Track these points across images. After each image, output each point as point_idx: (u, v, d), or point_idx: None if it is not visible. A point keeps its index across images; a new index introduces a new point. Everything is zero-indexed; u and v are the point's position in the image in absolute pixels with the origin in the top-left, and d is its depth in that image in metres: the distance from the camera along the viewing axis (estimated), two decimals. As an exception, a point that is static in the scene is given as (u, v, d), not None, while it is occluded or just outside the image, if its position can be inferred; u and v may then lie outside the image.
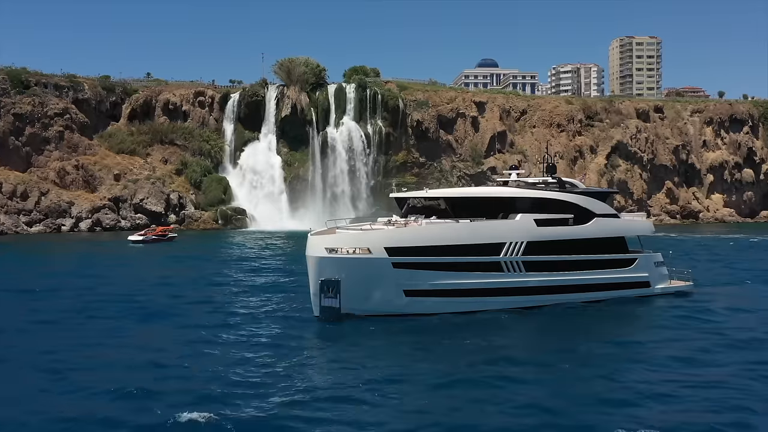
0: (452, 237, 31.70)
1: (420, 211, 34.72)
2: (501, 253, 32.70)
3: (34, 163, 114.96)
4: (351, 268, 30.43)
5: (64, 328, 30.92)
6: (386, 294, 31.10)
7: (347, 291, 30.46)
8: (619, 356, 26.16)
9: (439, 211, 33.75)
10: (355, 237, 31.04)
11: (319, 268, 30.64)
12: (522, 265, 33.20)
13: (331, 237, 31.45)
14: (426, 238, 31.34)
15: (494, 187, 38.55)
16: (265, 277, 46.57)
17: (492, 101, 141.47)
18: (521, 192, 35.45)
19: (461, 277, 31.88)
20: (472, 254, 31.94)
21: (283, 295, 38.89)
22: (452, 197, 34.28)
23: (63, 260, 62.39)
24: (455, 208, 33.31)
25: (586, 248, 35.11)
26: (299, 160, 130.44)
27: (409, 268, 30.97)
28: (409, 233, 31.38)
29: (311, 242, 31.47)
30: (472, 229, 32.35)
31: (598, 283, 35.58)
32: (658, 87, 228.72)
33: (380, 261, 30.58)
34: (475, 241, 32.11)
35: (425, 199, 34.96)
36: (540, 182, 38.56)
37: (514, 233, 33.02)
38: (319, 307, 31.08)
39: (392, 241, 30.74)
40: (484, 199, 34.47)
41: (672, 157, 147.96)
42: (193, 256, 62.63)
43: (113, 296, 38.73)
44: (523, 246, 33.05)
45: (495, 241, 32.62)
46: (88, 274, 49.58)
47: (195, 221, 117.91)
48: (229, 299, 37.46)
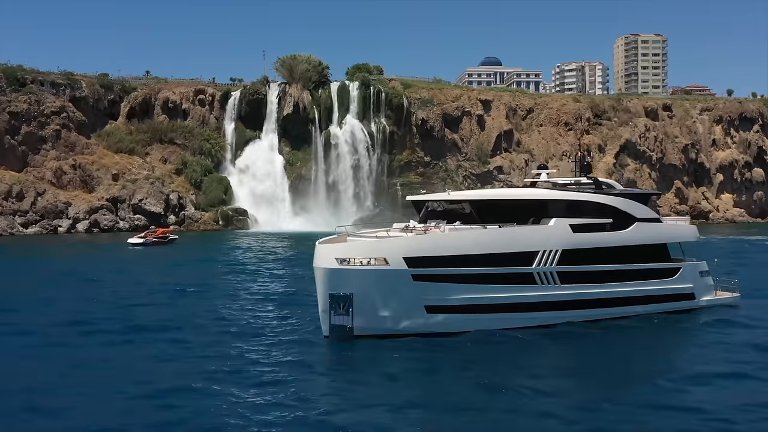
0: (480, 245, 28.31)
1: (440, 216, 31.29)
2: (534, 263, 29.33)
3: (30, 163, 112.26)
4: (365, 282, 27.08)
5: (47, 345, 28.00)
6: (405, 310, 27.74)
7: (361, 307, 27.17)
8: (669, 381, 23.23)
9: (462, 215, 30.33)
10: (370, 246, 27.64)
11: (329, 281, 27.18)
12: (557, 276, 29.79)
13: (342, 246, 28.06)
14: (450, 247, 27.95)
15: (524, 189, 34.46)
16: (268, 285, 43.35)
17: (498, 99, 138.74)
18: (555, 194, 31.87)
19: (490, 291, 28.48)
20: (502, 265, 28.60)
21: (288, 309, 35.19)
22: (479, 200, 30.80)
23: (58, 265, 59.58)
24: (482, 213, 29.79)
25: (626, 257, 31.86)
26: (301, 159, 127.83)
27: (432, 281, 27.60)
28: (431, 241, 28.05)
29: (319, 251, 27.82)
30: (502, 237, 28.96)
31: (640, 295, 32.27)
32: (663, 85, 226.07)
33: (399, 273, 27.17)
34: (506, 250, 28.70)
35: (447, 203, 31.45)
36: (572, 183, 35.01)
37: (548, 240, 29.65)
38: (328, 325, 27.66)
39: (412, 250, 27.40)
40: (515, 202, 30.99)
41: (681, 156, 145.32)
42: (194, 260, 59.87)
43: (107, 308, 35.82)
44: (558, 255, 29.69)
45: (527, 250, 29.21)
46: (82, 281, 46.85)
47: (195, 222, 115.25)
48: (229, 313, 33.75)
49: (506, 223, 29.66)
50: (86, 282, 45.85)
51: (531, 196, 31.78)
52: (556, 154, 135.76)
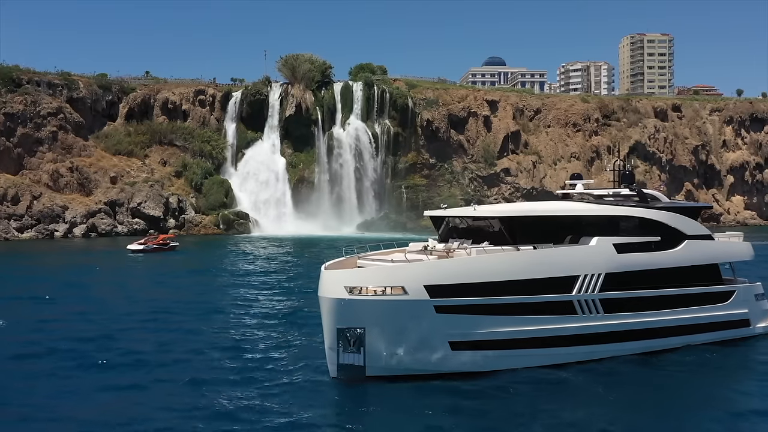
0: (512, 270, 24.43)
1: (463, 234, 27.44)
2: (574, 289, 25.46)
3: (26, 165, 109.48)
4: (380, 314, 23.29)
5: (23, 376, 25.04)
6: (426, 347, 23.88)
7: (374, 344, 23.40)
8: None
9: (489, 234, 26.31)
10: (385, 272, 23.73)
11: (337, 313, 23.24)
12: (599, 305, 25.94)
13: (352, 272, 24.11)
14: (479, 273, 23.99)
15: (560, 203, 29.94)
16: (268, 303, 39.44)
17: (505, 100, 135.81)
18: (597, 209, 27.95)
19: (524, 323, 24.64)
20: (538, 292, 24.75)
21: (290, 336, 30.90)
22: (511, 217, 26.19)
23: (50, 275, 56.70)
24: (513, 231, 25.72)
25: (676, 280, 28.23)
26: (304, 161, 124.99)
27: (458, 313, 23.76)
28: (456, 266, 24.13)
29: (325, 278, 23.86)
30: (538, 260, 25.10)
31: (691, 324, 28.56)
32: (670, 85, 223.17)
33: (419, 304, 23.32)
34: (542, 275, 24.79)
35: (472, 219, 27.22)
36: (612, 195, 31.14)
37: (590, 263, 25.85)
38: (336, 365, 23.68)
39: (434, 277, 23.54)
40: (552, 218, 26.81)
41: (691, 158, 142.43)
42: (194, 270, 56.93)
43: (89, 331, 32.72)
44: (601, 279, 25.87)
45: (566, 275, 25.35)
46: (76, 293, 43.94)
47: (195, 226, 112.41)
48: (222, 344, 29.36)
49: (541, 243, 25.85)
50: (75, 297, 42.87)
51: (571, 211, 27.66)
52: (564, 155, 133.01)
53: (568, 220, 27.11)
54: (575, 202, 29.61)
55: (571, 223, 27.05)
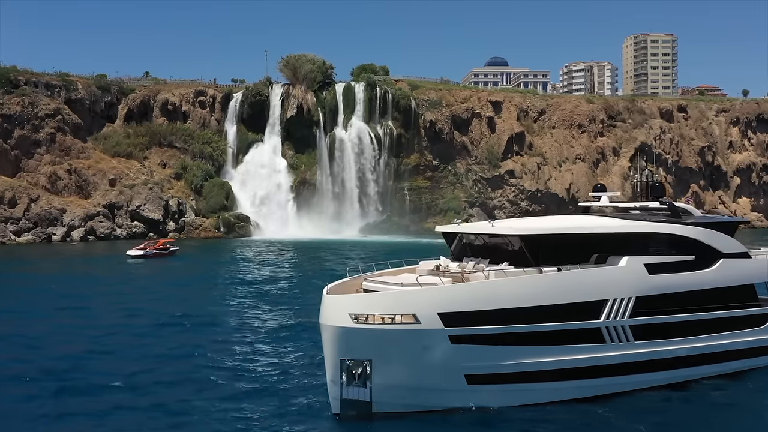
0: (535, 295, 22.07)
1: (479, 252, 25.08)
2: (602, 315, 23.14)
3: (24, 168, 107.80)
4: (388, 345, 21.01)
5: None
6: (440, 381, 21.57)
7: (382, 378, 21.16)
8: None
9: (508, 253, 23.95)
10: (394, 298, 21.40)
11: (341, 344, 20.98)
12: (629, 331, 23.64)
13: (358, 298, 21.95)
14: (498, 298, 21.69)
15: (584, 218, 27.04)
16: (268, 316, 37.32)
17: (509, 101, 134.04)
18: (627, 225, 25.42)
19: (547, 354, 22.32)
20: (563, 319, 22.46)
21: (289, 359, 28.29)
22: (534, 235, 23.71)
23: (48, 283, 55.04)
24: (535, 250, 23.23)
25: (711, 302, 25.62)
26: (306, 163, 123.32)
27: (475, 343, 21.45)
28: (473, 291, 21.86)
29: (328, 304, 21.55)
30: (563, 283, 22.71)
31: (727, 350, 25.98)
32: (673, 86, 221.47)
33: (432, 334, 21.05)
34: (567, 300, 22.50)
35: (489, 236, 24.87)
36: (640, 208, 28.33)
37: (620, 286, 23.46)
38: (339, 400, 21.36)
39: (449, 304, 21.26)
40: (578, 236, 24.31)
41: (697, 159, 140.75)
42: (194, 279, 55.16)
43: (91, 345, 31.13)
44: (632, 303, 23.55)
45: (594, 299, 23.00)
46: (73, 306, 42.21)
47: (195, 229, 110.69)
48: (220, 366, 27.17)
49: (565, 263, 23.42)
50: (71, 310, 41.13)
51: (598, 228, 24.98)
52: (569, 157, 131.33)
53: (595, 238, 24.56)
54: (601, 217, 26.95)
55: (598, 241, 24.54)
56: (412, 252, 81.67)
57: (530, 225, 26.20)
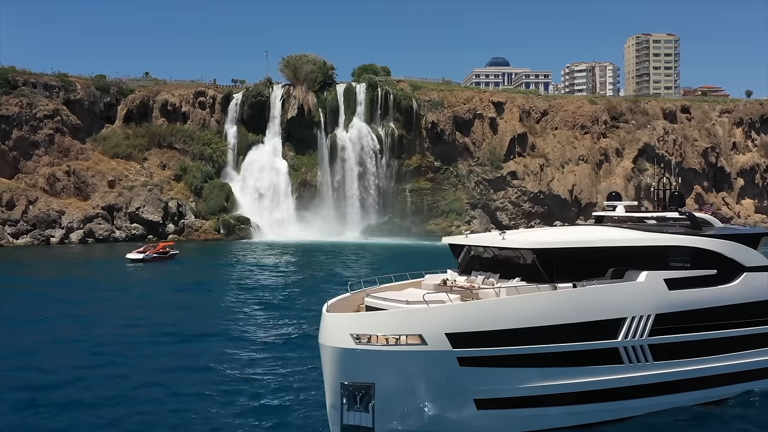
0: (550, 314, 20.77)
1: (488, 265, 23.56)
2: (619, 334, 21.81)
3: (22, 169, 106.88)
4: (392, 368, 19.68)
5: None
6: (448, 406, 20.26)
7: (386, 402, 19.78)
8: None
9: (520, 267, 22.55)
10: (399, 317, 20.04)
11: (342, 366, 19.68)
12: (648, 351, 22.28)
13: (359, 317, 20.61)
14: (510, 318, 20.30)
15: (600, 230, 25.31)
16: (270, 326, 35.86)
17: (511, 101, 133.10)
18: (646, 238, 23.78)
19: (562, 376, 21.06)
20: (578, 339, 21.16)
21: (290, 376, 26.62)
22: (547, 249, 22.11)
23: (45, 287, 54.03)
24: (549, 265, 21.82)
25: (733, 318, 24.19)
26: (306, 164, 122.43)
27: (485, 365, 20.12)
28: (483, 310, 20.42)
29: (328, 323, 20.11)
30: (579, 300, 21.34)
31: (751, 369, 24.41)
32: (676, 86, 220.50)
33: (440, 356, 19.71)
34: (583, 319, 21.17)
35: (499, 249, 23.32)
36: (657, 219, 27.02)
37: (639, 303, 22.10)
38: (339, 426, 20.07)
39: (458, 323, 19.88)
40: (595, 250, 22.76)
41: (701, 160, 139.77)
42: (194, 285, 54.05)
43: (85, 358, 30.10)
44: (651, 321, 22.21)
45: (611, 317, 21.68)
46: (70, 313, 41.18)
47: (195, 231, 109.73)
48: (214, 382, 25.58)
49: (580, 278, 21.96)
50: (68, 318, 40.10)
51: (616, 241, 23.31)
52: (572, 158, 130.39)
53: (612, 251, 22.96)
54: (616, 229, 25.27)
55: (615, 254, 22.96)
56: (414, 255, 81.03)
57: (543, 238, 24.10)
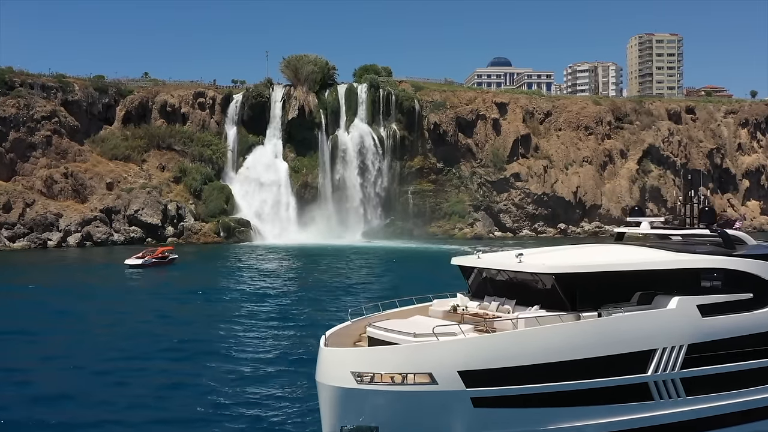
0: (573, 347, 18.56)
1: (502, 289, 21.37)
2: (649, 368, 19.53)
3: (19, 171, 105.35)
4: (399, 410, 17.62)
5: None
6: None
7: None
8: None
9: (538, 293, 20.42)
10: (406, 353, 17.82)
11: (342, 407, 17.69)
12: (681, 386, 20.13)
13: (362, 352, 18.54)
14: (529, 352, 18.18)
15: (625, 250, 22.86)
16: (270, 340, 34.05)
17: (514, 102, 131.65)
18: (677, 259, 21.41)
19: (587, 416, 18.92)
20: (605, 374, 18.95)
21: (288, 405, 24.29)
22: (569, 274, 19.72)
23: (40, 296, 52.52)
24: (571, 291, 19.50)
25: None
26: (307, 166, 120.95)
27: (502, 406, 18.01)
28: (499, 344, 18.27)
29: (326, 359, 18.18)
30: (605, 331, 19.21)
31: None
32: (679, 86, 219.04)
33: (452, 396, 17.62)
34: (610, 352, 18.99)
35: (515, 273, 20.98)
36: (686, 236, 24.72)
37: (670, 332, 19.93)
38: None
39: (472, 360, 17.74)
40: (621, 274, 20.47)
41: (706, 162, 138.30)
42: (193, 292, 52.43)
43: (77, 376, 28.57)
44: (683, 352, 20.00)
45: (640, 349, 19.48)
46: (64, 327, 39.62)
47: (195, 234, 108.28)
48: (204, 408, 23.59)
49: (604, 304, 19.74)
50: (63, 331, 38.58)
51: (644, 264, 20.93)
52: (576, 159, 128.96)
53: (640, 275, 20.68)
54: (642, 248, 22.88)
55: (643, 278, 20.68)
56: (417, 260, 79.52)
57: (564, 261, 21.65)
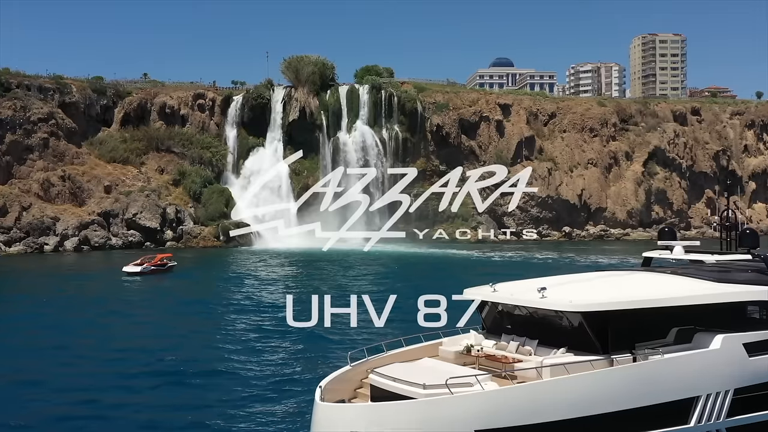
0: (607, 398, 16.14)
1: (522, 326, 18.50)
2: (691, 418, 17.07)
3: (15, 174, 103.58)
4: None
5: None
6: None
7: None
8: None
9: (563, 332, 17.64)
10: (414, 410, 15.47)
11: None
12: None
13: (364, 410, 16.06)
14: (557, 406, 15.71)
15: (656, 278, 20.24)
16: (273, 367, 32.20)
17: (518, 103, 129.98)
18: (718, 290, 18.69)
19: None
20: (642, 427, 16.44)
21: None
22: (600, 312, 16.80)
23: (31, 309, 50.74)
24: (605, 332, 16.89)
25: None
26: (308, 168, 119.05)
27: None
28: (523, 397, 15.77)
29: (322, 417, 16.07)
30: (642, 379, 16.58)
31: None
32: (682, 87, 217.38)
33: None
34: (648, 402, 16.47)
35: (536, 310, 18.07)
36: (724, 263, 21.88)
37: (714, 376, 17.48)
38: None
39: (491, 416, 15.47)
40: (658, 311, 17.69)
41: (712, 164, 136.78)
42: (192, 303, 50.65)
43: (65, 401, 26.85)
44: (729, 398, 17.50)
45: (681, 398, 17.00)
46: (50, 345, 37.76)
47: (194, 238, 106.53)
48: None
49: (638, 344, 17.19)
50: (49, 347, 36.79)
51: (684, 299, 18.19)
52: (581, 162, 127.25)
53: (679, 310, 18.08)
54: (678, 277, 20.15)
55: (682, 313, 18.12)
56: (421, 265, 77.71)
57: (593, 296, 18.23)
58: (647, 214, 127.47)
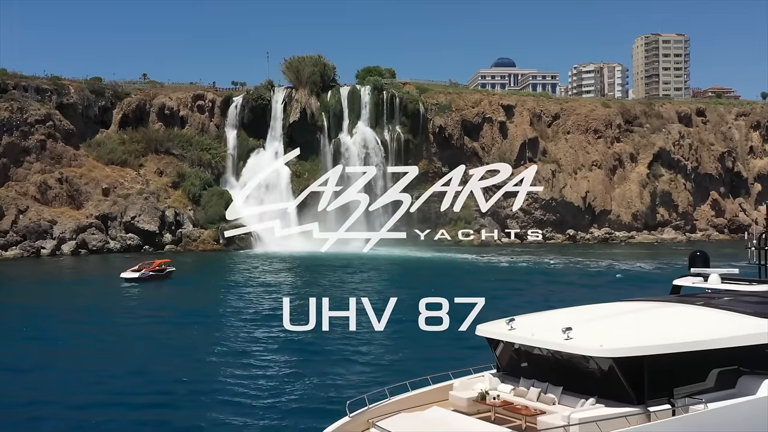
0: None
1: (542, 369, 16.07)
2: None
3: (12, 177, 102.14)
4: None
5: None
6: None
7: None
8: None
9: (591, 377, 15.12)
10: None
11: None
12: None
13: None
14: None
15: (692, 312, 17.55)
16: (275, 387, 31.03)
17: (521, 104, 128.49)
18: (762, 326, 16.27)
19: None
20: None
21: None
22: (634, 358, 14.38)
23: (23, 321, 49.28)
24: (640, 380, 14.50)
25: None
26: (309, 170, 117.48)
27: None
28: None
29: None
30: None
31: None
32: (686, 87, 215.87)
33: None
34: None
35: (558, 353, 15.49)
36: (756, 293, 19.07)
37: (763, 428, 15.22)
38: None
39: None
40: (700, 354, 15.26)
41: (717, 165, 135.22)
42: (191, 312, 49.12)
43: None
44: None
45: None
46: (41, 363, 36.37)
47: (193, 241, 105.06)
48: None
49: (676, 390, 14.91)
50: (40, 365, 35.37)
51: (727, 340, 15.79)
52: (585, 163, 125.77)
53: (722, 351, 15.79)
54: (717, 311, 17.67)
55: (724, 356, 15.86)
56: (425, 270, 76.25)
57: (624, 338, 15.54)
58: (652, 216, 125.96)
